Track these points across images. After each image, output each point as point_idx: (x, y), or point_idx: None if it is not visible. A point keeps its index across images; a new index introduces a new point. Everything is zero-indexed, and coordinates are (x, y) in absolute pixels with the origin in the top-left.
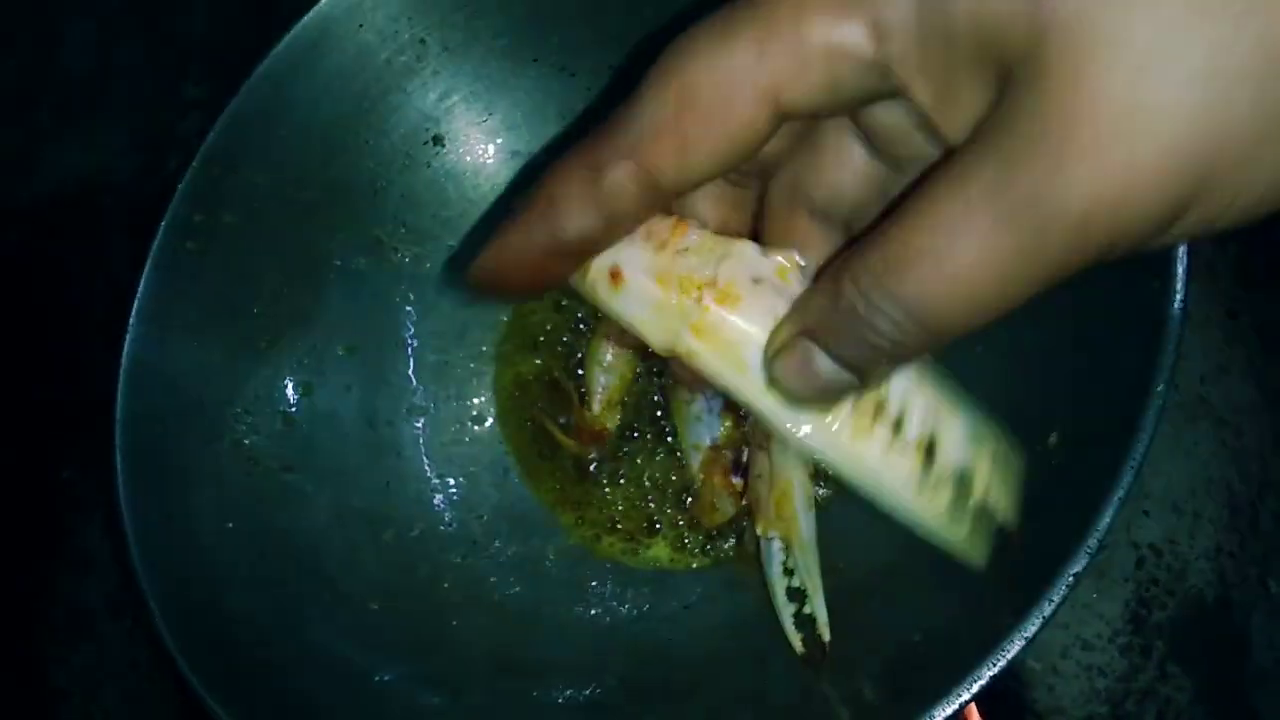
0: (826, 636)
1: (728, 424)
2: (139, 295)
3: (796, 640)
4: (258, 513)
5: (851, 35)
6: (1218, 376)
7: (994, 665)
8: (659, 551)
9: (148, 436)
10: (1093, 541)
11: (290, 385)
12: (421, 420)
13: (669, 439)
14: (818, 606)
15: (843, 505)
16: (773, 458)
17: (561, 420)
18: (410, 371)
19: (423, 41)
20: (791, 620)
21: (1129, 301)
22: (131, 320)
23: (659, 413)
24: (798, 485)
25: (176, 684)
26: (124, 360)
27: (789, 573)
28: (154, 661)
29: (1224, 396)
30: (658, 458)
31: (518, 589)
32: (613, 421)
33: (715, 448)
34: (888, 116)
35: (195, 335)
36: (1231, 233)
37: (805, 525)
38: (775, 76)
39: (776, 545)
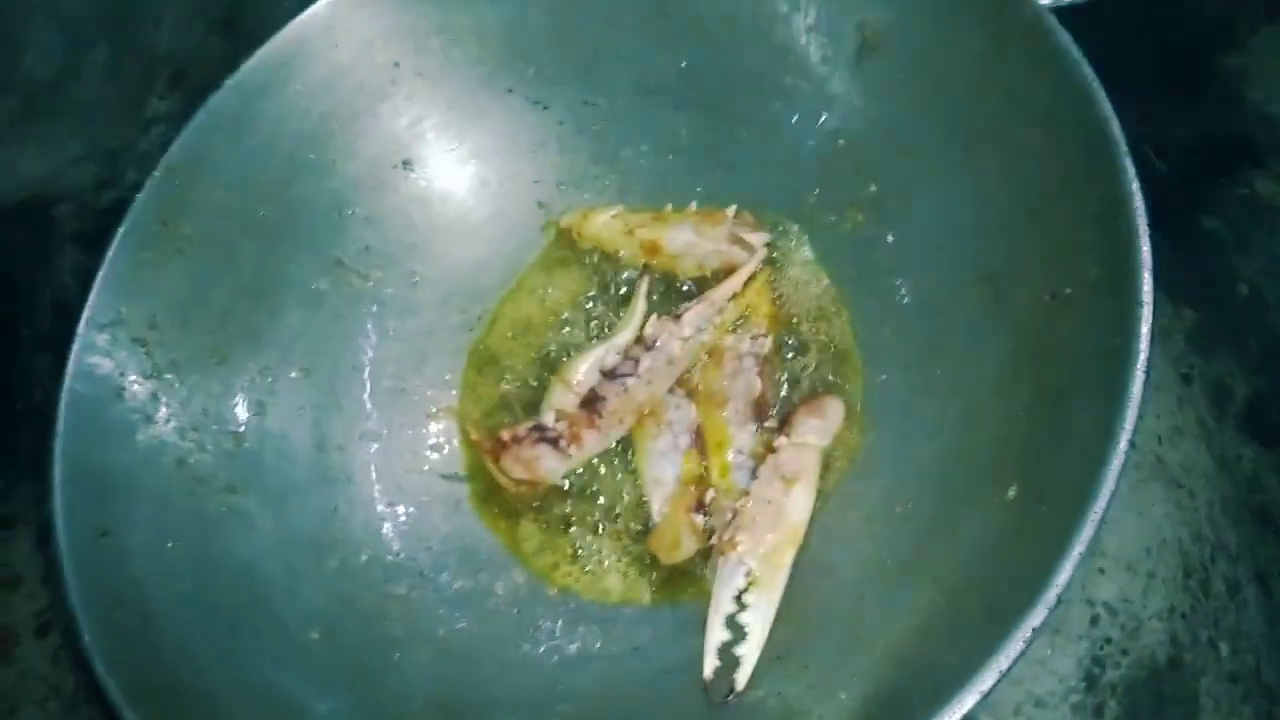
0: (740, 686)
1: (689, 461)
2: (90, 303)
3: (711, 664)
4: (199, 534)
5: None
6: (1172, 438)
7: (949, 718)
8: (611, 584)
9: (88, 451)
10: (1052, 595)
11: (240, 404)
12: (374, 446)
13: (628, 470)
14: (749, 654)
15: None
16: (792, 500)
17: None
18: (366, 396)
19: (397, 65)
20: (717, 647)
21: (1092, 357)
22: (80, 328)
23: (620, 446)
24: (794, 546)
25: (103, 710)
26: (69, 369)
27: (741, 606)
28: (79, 686)
29: (1178, 458)
30: (618, 492)
31: (463, 624)
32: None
33: (683, 483)
34: None
35: (145, 348)
36: (1185, 297)
37: (783, 581)
38: None
39: (743, 571)
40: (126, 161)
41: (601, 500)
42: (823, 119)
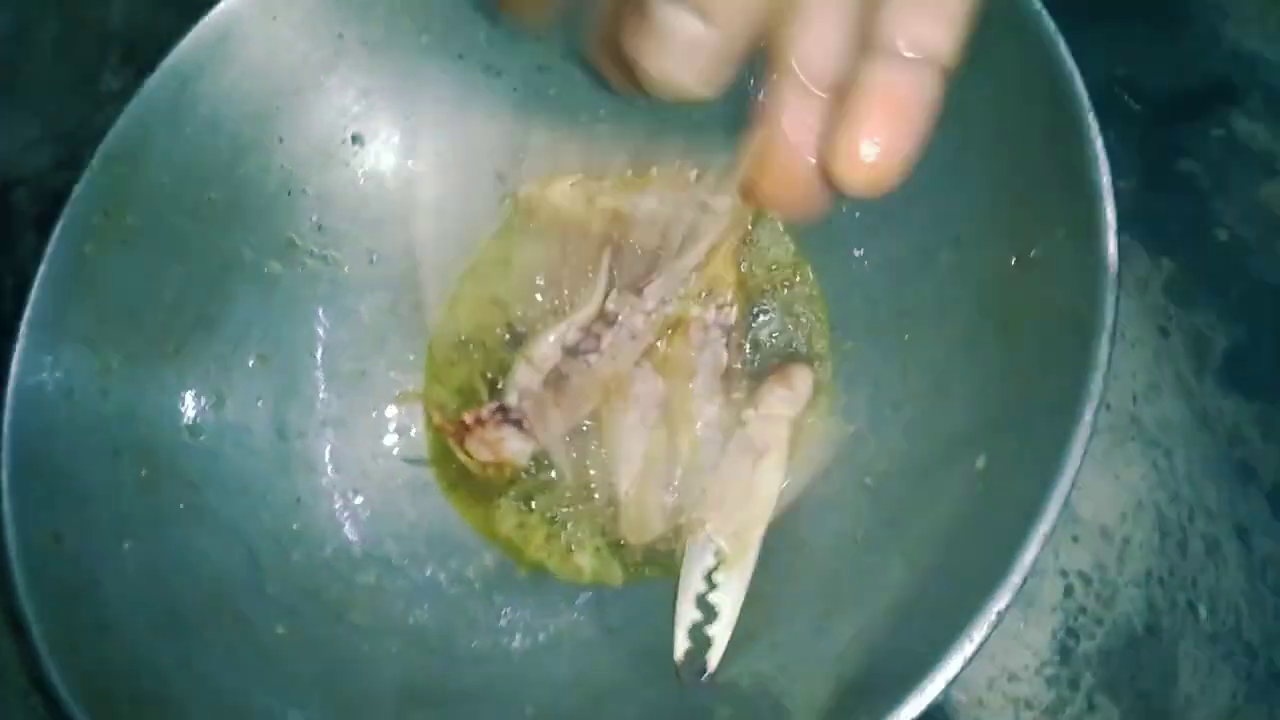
0: (712, 667)
1: (656, 437)
2: (31, 301)
3: (681, 646)
4: (157, 533)
5: None
6: (1149, 395)
7: (914, 707)
8: (583, 563)
9: (38, 450)
10: (1017, 578)
11: (195, 395)
12: (336, 433)
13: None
14: (720, 634)
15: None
16: (761, 475)
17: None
18: (325, 381)
19: (340, 36)
20: (688, 627)
21: (1059, 322)
22: (21, 329)
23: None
24: (764, 521)
25: (55, 717)
26: (13, 371)
27: (711, 585)
28: (28, 691)
29: (1155, 416)
30: (588, 470)
31: (433, 612)
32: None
33: (649, 460)
34: None
35: (92, 343)
36: (1163, 246)
37: (753, 559)
38: None
39: (711, 550)
40: (83, 141)
41: (570, 479)
42: None
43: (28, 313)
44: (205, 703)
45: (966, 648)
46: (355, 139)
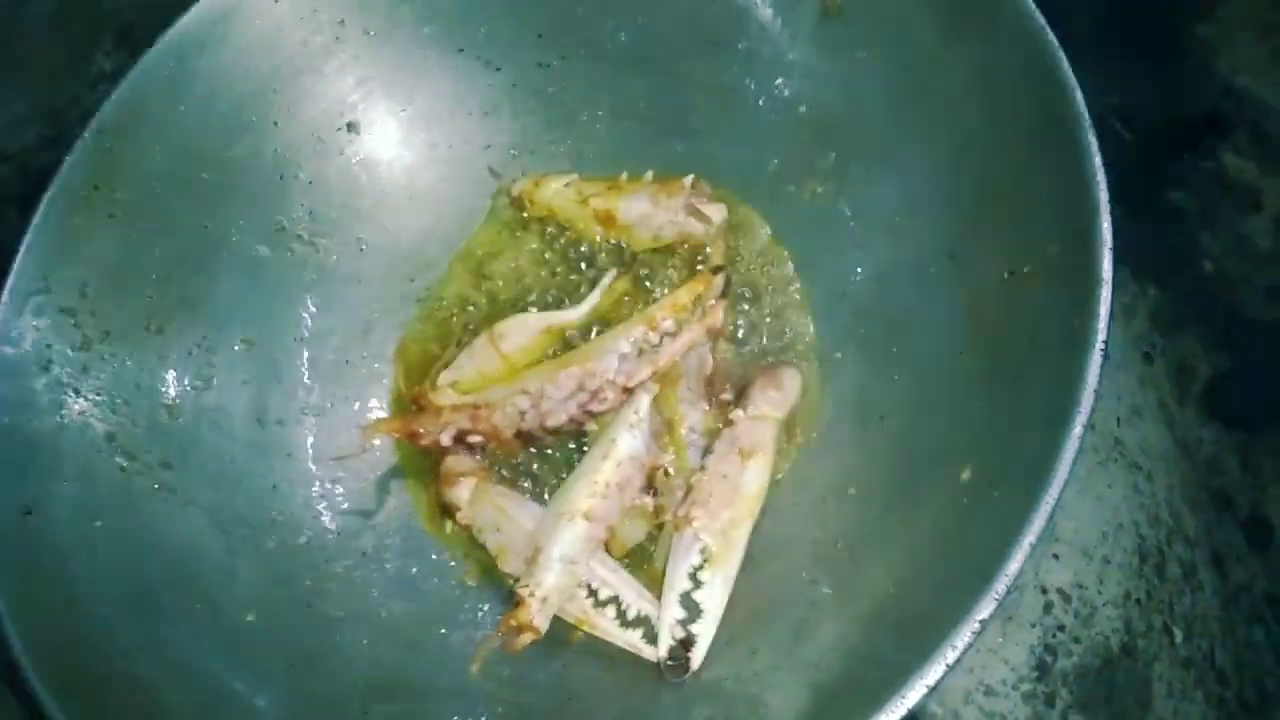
0: (695, 665)
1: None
2: (14, 270)
3: (666, 643)
4: (128, 512)
5: None
6: (1132, 419)
7: (895, 711)
8: None
9: (11, 423)
10: (1001, 587)
11: (176, 377)
12: (316, 420)
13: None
14: (705, 632)
15: (755, 539)
16: (748, 475)
17: None
18: (307, 368)
19: (342, 23)
20: (670, 625)
21: (1049, 337)
22: (3, 297)
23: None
24: (750, 520)
25: (22, 701)
26: None
27: (696, 583)
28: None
29: (1137, 440)
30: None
31: (405, 606)
32: None
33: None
34: None
35: (73, 318)
36: (1150, 273)
37: (739, 557)
38: None
39: (697, 547)
40: (72, 120)
41: (552, 481)
42: (782, 86)
43: (10, 280)
44: (172, 683)
45: (949, 655)
46: (350, 127)
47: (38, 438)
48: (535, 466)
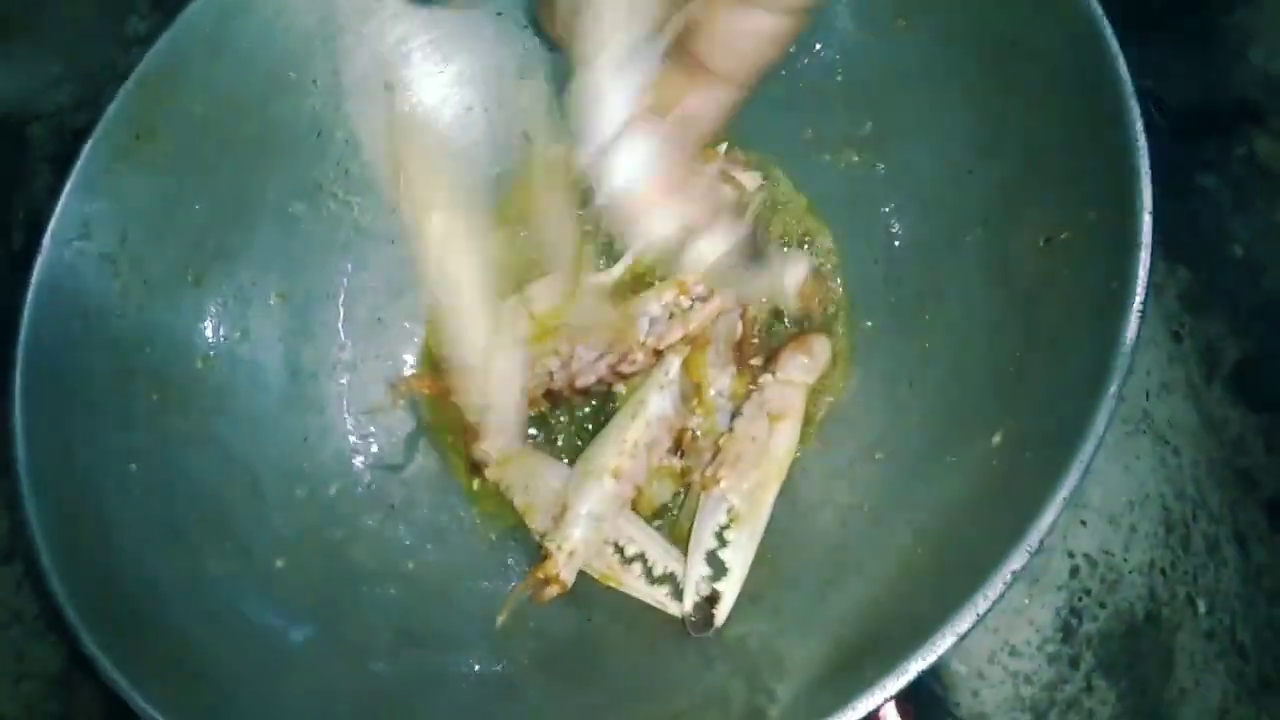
0: (720, 621)
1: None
2: (56, 214)
3: (691, 598)
4: (164, 458)
5: None
6: (1160, 394)
7: (923, 660)
8: None
9: (52, 365)
10: (1034, 539)
11: (212, 327)
12: (347, 377)
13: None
14: (730, 590)
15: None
16: (777, 438)
17: None
18: (340, 324)
19: None
20: (696, 582)
21: (1085, 302)
22: (45, 240)
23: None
24: (777, 482)
25: (63, 639)
26: (34, 279)
27: (722, 541)
28: (41, 615)
29: (1166, 415)
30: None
31: (433, 558)
32: None
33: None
34: None
35: (114, 264)
36: (1180, 255)
37: (765, 518)
38: None
39: (724, 507)
40: (105, 81)
41: (579, 442)
42: (819, 50)
43: (52, 224)
44: (204, 622)
45: (980, 605)
46: (388, 87)
47: (77, 382)
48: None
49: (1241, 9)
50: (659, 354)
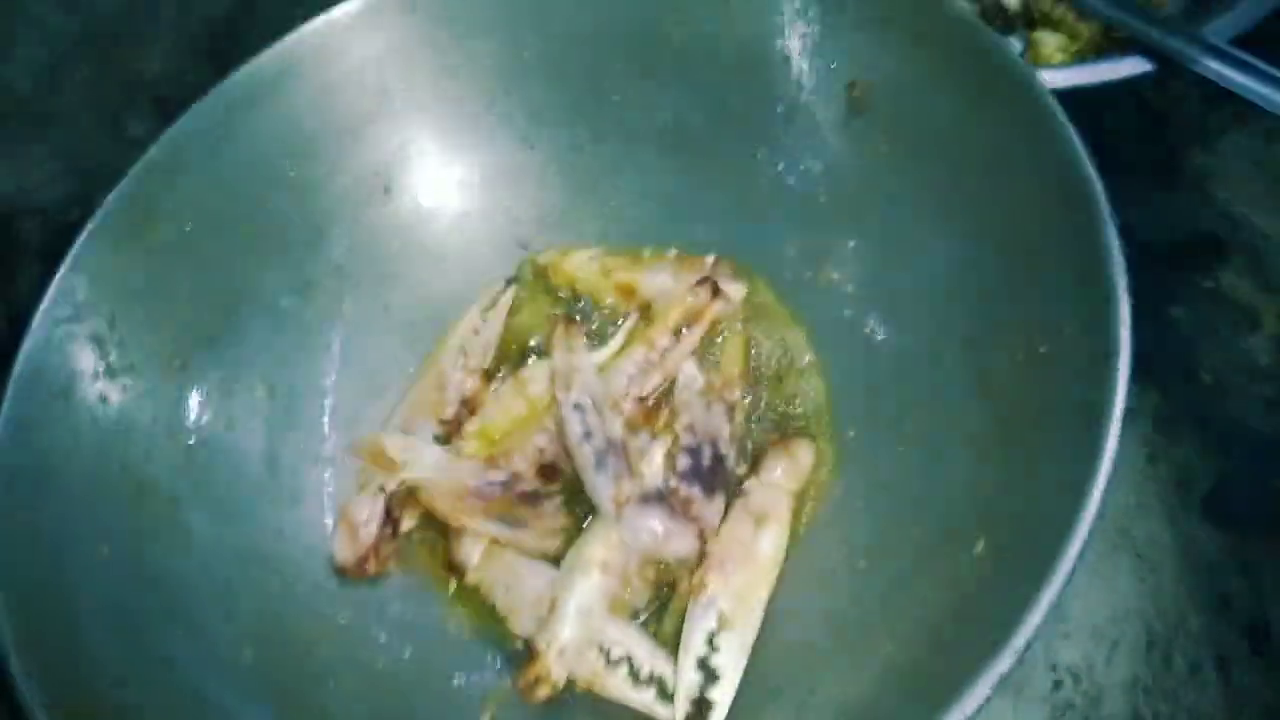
0: None
1: None
2: (49, 295)
3: (683, 709)
4: (135, 543)
5: None
6: (1139, 513)
7: None
8: None
9: (28, 444)
10: (1019, 642)
11: (195, 414)
12: (328, 472)
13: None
14: (723, 698)
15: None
16: (762, 542)
17: None
18: (324, 420)
19: (386, 91)
20: (687, 687)
21: (1064, 413)
22: (36, 319)
23: None
24: (767, 589)
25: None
26: (19, 357)
27: (713, 648)
28: None
29: (1143, 534)
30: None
31: (409, 654)
32: None
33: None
34: None
35: (101, 345)
36: (1152, 380)
37: (756, 622)
38: None
39: (713, 612)
40: (100, 181)
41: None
42: (805, 175)
43: (44, 303)
44: (165, 711)
45: (967, 708)
46: (387, 190)
47: (53, 461)
48: None
49: (1204, 152)
50: (649, 415)
